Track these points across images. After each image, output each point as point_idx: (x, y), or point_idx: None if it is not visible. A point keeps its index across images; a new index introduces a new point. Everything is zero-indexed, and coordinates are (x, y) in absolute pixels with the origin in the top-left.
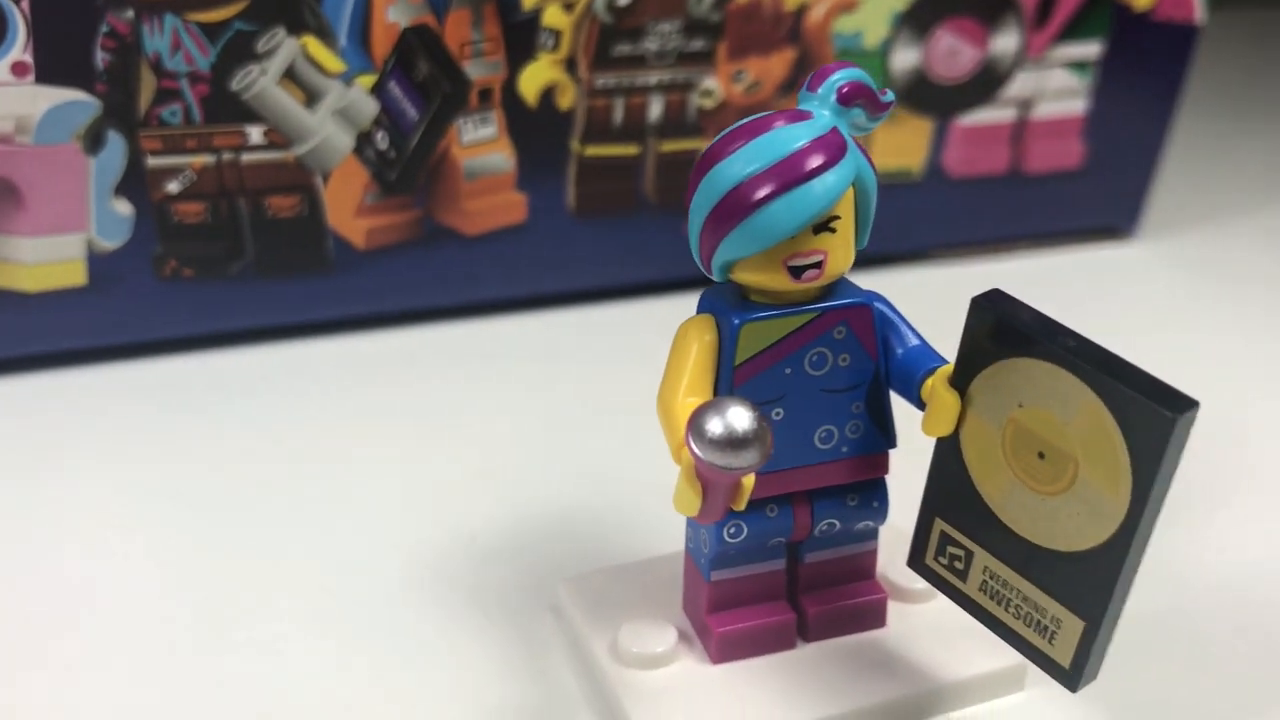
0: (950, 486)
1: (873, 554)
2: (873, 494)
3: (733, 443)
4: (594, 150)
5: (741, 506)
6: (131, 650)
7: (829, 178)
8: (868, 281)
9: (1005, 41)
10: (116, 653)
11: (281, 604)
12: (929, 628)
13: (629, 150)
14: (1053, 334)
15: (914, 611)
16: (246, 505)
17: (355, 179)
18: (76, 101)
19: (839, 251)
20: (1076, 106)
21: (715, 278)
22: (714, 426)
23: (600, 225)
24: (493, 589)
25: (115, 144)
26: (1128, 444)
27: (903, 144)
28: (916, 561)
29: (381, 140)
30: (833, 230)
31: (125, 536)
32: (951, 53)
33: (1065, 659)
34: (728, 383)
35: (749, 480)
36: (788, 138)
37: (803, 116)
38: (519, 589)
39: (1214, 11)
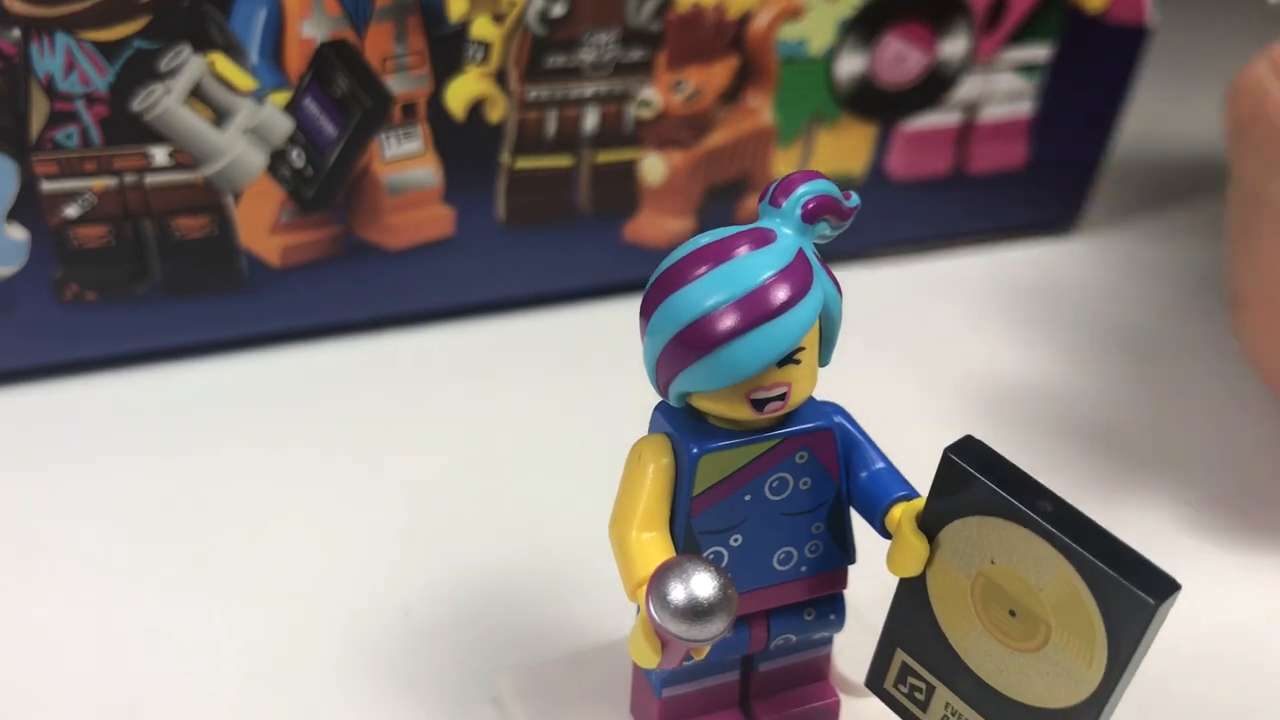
0: (914, 622)
1: (827, 658)
2: (830, 608)
3: (697, 613)
4: (525, 162)
5: (702, 657)
6: None
7: (797, 312)
8: None
9: (954, 46)
10: None
11: (210, 692)
12: None
13: (562, 162)
14: (1029, 497)
15: (865, 706)
16: (153, 569)
17: (269, 197)
18: None
19: (803, 382)
20: (1023, 109)
21: (672, 404)
22: (676, 595)
23: (531, 236)
24: (430, 676)
25: (6, 168)
26: (1105, 622)
27: (845, 149)
28: (875, 685)
29: (297, 158)
30: (797, 362)
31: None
32: (899, 58)
33: None
34: (685, 511)
35: None
36: (754, 267)
37: (766, 239)
38: (457, 675)
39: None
